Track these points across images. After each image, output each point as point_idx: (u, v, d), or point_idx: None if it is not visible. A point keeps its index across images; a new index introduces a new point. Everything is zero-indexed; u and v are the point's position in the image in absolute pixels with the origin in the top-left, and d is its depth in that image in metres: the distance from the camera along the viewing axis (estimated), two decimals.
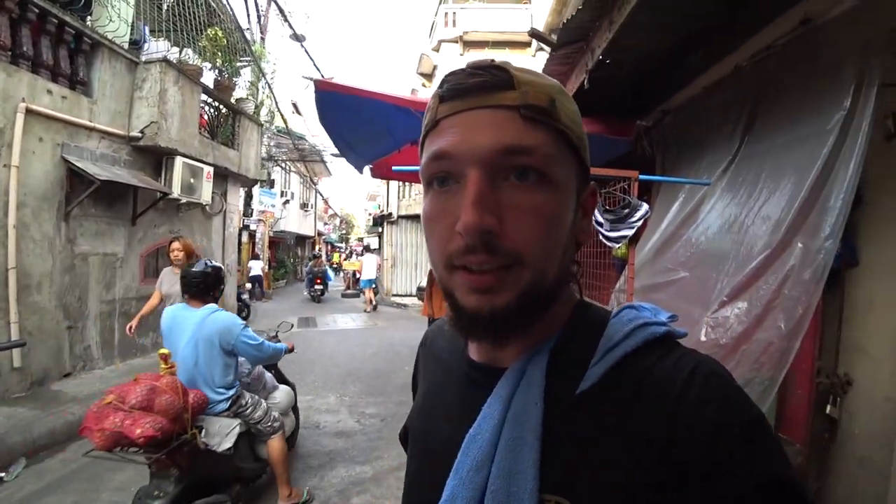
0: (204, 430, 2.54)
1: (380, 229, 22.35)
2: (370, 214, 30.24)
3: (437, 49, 22.87)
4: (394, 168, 4.04)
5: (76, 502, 3.15)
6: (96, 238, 5.57)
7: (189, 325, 2.69)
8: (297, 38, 9.56)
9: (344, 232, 44.37)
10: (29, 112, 4.64)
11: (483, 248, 0.45)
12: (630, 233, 2.12)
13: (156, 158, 6.40)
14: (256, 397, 3.00)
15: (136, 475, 3.50)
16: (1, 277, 4.45)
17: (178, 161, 6.27)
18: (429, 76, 24.26)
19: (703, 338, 2.02)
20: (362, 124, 4.25)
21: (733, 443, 0.41)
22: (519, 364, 0.53)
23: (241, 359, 2.88)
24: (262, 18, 10.60)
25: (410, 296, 16.01)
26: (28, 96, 4.69)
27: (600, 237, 2.32)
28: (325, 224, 33.45)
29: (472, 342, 0.61)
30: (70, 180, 5.17)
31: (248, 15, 9.13)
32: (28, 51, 4.80)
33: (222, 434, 2.64)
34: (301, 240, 25.90)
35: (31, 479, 3.46)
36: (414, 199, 16.43)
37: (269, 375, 3.47)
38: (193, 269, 2.79)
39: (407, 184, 16.10)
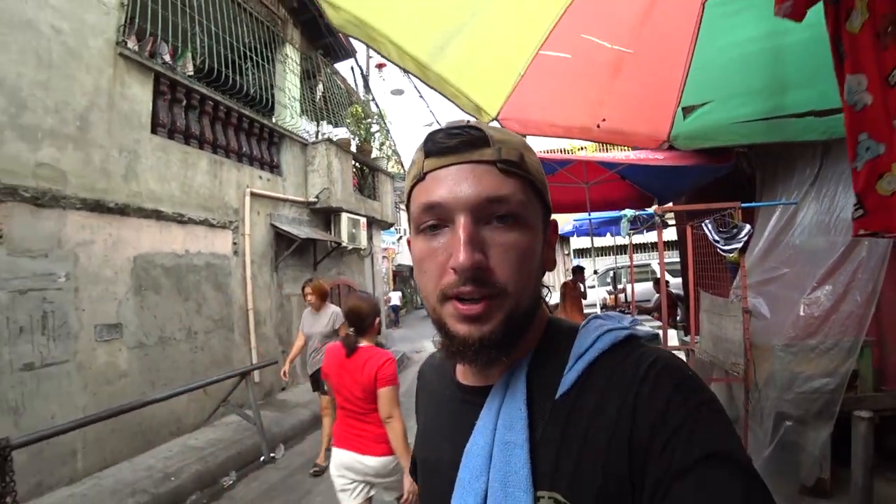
0: None
1: None
2: None
3: None
4: None
5: None
6: (293, 282, 7.22)
7: None
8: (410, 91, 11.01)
9: None
10: (252, 194, 6.37)
11: (473, 282, 0.53)
12: (739, 246, 2.92)
13: (325, 216, 8.06)
14: None
15: None
16: (244, 315, 6.13)
17: (344, 217, 7.87)
18: None
19: (801, 313, 2.74)
20: None
21: (681, 424, 0.48)
22: (503, 378, 0.60)
23: None
24: (366, 80, 12.13)
25: None
26: (249, 183, 6.43)
27: (717, 249, 3.12)
28: None
29: (463, 366, 0.66)
30: (276, 240, 6.85)
31: (355, 80, 10.73)
32: (246, 150, 6.58)
33: None
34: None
35: (294, 457, 4.84)
36: None
37: None
38: None
39: None
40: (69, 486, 3.90)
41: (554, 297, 12.96)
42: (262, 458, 4.70)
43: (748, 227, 2.87)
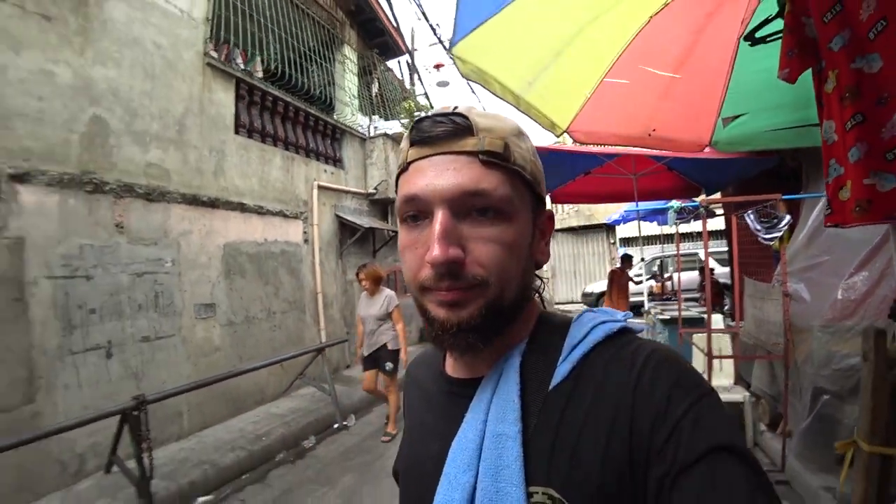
0: None
1: None
2: None
3: None
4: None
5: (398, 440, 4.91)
6: (355, 269, 7.77)
7: None
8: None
9: None
10: (319, 187, 6.93)
11: (449, 276, 0.52)
12: (779, 234, 3.16)
13: (383, 207, 8.58)
14: None
15: None
16: (314, 298, 6.72)
17: None
18: None
19: (839, 297, 2.96)
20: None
21: (682, 417, 0.47)
22: (495, 369, 0.59)
23: None
24: (417, 72, 12.37)
25: (573, 302, 16.27)
26: (316, 177, 6.99)
27: (759, 238, 3.37)
28: None
29: (447, 351, 0.66)
30: (340, 230, 7.41)
31: (402, 73, 11.17)
32: (313, 146, 7.13)
33: None
34: None
35: (363, 426, 5.36)
36: (568, 213, 17.13)
37: None
38: None
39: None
40: (177, 441, 4.57)
41: (561, 292, 13.24)
42: (336, 426, 5.26)
43: (788, 217, 3.11)
